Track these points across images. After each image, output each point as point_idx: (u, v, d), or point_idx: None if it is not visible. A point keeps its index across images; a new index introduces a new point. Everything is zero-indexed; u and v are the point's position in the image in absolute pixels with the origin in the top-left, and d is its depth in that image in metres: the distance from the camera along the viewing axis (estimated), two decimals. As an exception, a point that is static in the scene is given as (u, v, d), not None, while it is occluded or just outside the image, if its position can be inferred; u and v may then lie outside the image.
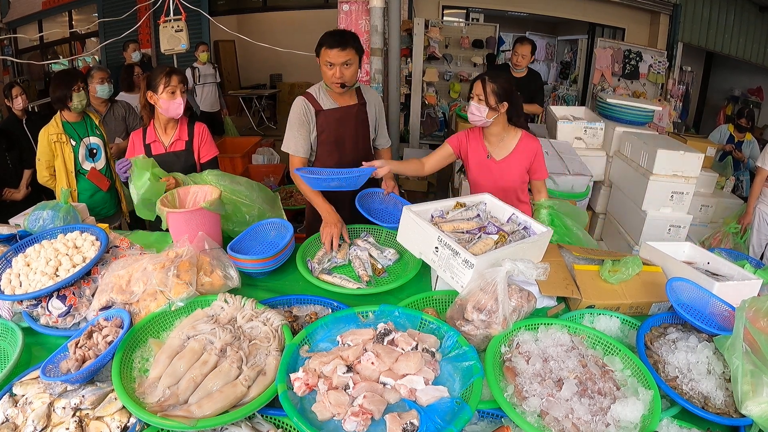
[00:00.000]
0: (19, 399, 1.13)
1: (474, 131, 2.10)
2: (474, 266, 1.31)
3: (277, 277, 1.73)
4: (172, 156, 2.21)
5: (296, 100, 2.08)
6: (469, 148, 2.10)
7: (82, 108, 2.56)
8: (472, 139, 2.09)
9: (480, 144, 2.08)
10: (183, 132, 2.24)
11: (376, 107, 2.22)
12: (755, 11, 6.48)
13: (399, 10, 3.49)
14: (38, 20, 8.28)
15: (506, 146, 2.05)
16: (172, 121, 2.21)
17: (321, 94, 2.09)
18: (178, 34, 4.13)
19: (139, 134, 2.23)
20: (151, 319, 1.31)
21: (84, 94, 2.52)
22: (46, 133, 2.51)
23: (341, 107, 2.10)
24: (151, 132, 2.21)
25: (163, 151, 2.21)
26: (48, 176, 2.59)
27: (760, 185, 3.40)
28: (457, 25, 6.83)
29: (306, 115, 2.05)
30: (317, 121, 2.07)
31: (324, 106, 2.07)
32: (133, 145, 2.22)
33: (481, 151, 2.08)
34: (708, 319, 1.37)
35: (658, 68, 6.39)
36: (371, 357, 1.09)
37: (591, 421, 1.03)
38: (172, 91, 2.09)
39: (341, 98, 2.09)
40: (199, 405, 1.03)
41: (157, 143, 2.21)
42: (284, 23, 8.49)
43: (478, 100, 1.93)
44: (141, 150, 2.19)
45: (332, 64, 1.92)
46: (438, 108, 6.24)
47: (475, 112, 1.95)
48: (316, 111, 2.06)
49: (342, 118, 2.10)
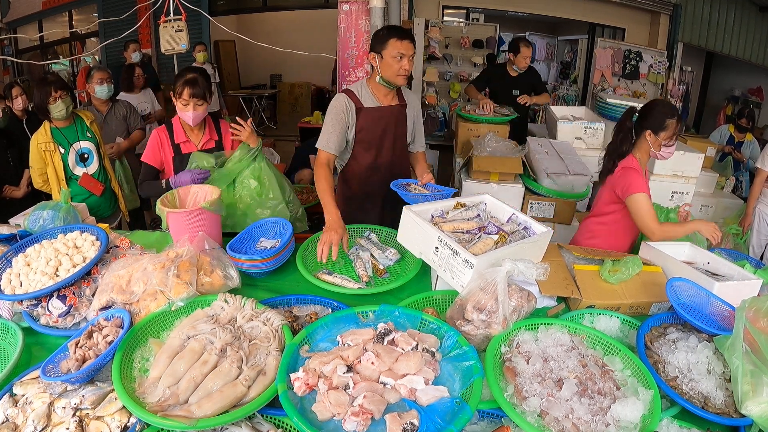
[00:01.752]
0: (19, 399, 1.13)
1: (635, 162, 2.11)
2: (474, 266, 1.31)
3: (277, 277, 1.72)
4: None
5: (337, 96, 2.07)
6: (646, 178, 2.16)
7: (64, 117, 2.48)
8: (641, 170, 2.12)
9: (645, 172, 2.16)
10: (213, 132, 2.21)
11: (415, 110, 2.22)
12: (755, 11, 6.48)
13: (399, 10, 3.48)
14: (38, 20, 8.27)
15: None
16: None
17: (363, 92, 2.08)
18: (178, 34, 4.13)
19: (164, 131, 2.16)
20: (151, 319, 1.31)
21: (63, 102, 2.43)
22: (36, 142, 2.47)
23: (383, 107, 2.09)
24: (179, 131, 2.16)
25: (195, 149, 2.16)
26: (42, 182, 2.58)
27: (760, 186, 3.40)
28: (457, 25, 6.83)
29: (345, 112, 2.04)
30: (357, 118, 2.06)
31: (366, 104, 2.06)
32: (159, 142, 2.15)
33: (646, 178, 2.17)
34: (708, 319, 1.37)
35: (658, 68, 6.39)
36: (371, 357, 1.09)
37: (591, 421, 1.03)
38: (184, 103, 2.05)
39: (385, 98, 2.09)
40: (199, 405, 1.03)
41: (189, 143, 2.17)
42: (284, 23, 8.48)
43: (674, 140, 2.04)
44: (170, 150, 2.14)
45: (403, 55, 1.92)
46: (438, 108, 6.24)
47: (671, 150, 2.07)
48: (358, 108, 2.05)
49: (382, 118, 2.10)
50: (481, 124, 3.54)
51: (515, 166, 3.01)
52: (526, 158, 3.13)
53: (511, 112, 3.68)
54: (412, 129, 2.23)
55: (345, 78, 3.67)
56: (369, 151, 2.13)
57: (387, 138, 2.14)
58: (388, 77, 2.00)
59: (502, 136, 3.44)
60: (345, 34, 3.56)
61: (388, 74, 1.99)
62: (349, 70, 3.66)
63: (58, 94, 2.41)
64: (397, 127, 2.15)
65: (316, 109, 6.67)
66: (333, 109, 2.05)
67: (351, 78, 3.65)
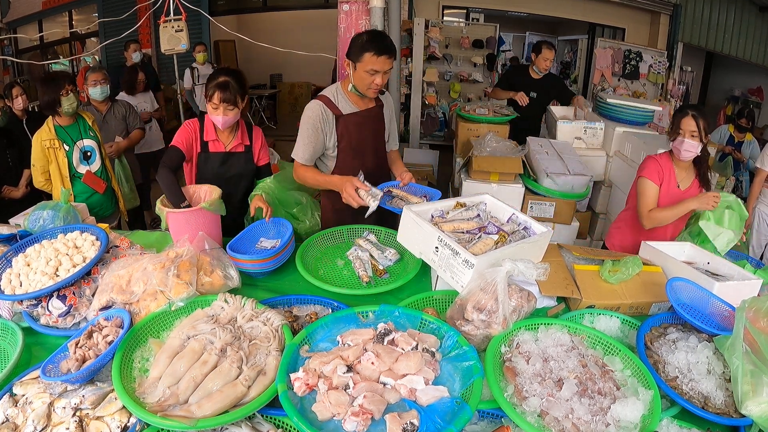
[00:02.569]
0: (19, 399, 1.13)
1: (664, 159, 2.16)
2: (474, 266, 1.31)
3: (277, 277, 1.72)
4: (232, 157, 2.13)
5: (311, 105, 1.95)
6: (664, 177, 2.16)
7: (74, 111, 2.50)
8: (665, 167, 2.16)
9: (672, 173, 2.16)
10: (245, 136, 2.15)
11: (390, 109, 2.16)
12: (755, 11, 6.48)
13: (399, 10, 3.48)
14: (38, 20, 8.27)
15: (689, 177, 2.18)
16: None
17: (339, 97, 1.97)
18: (179, 34, 4.13)
19: (195, 124, 2.09)
20: (151, 319, 1.31)
21: (74, 96, 2.46)
22: (39, 139, 2.48)
23: (362, 111, 2.00)
24: (210, 129, 2.08)
25: (223, 150, 2.11)
26: (43, 181, 2.58)
27: (760, 186, 3.40)
28: (457, 25, 6.83)
29: (322, 122, 1.93)
30: (337, 126, 1.96)
31: (344, 111, 1.96)
32: (193, 131, 2.07)
33: (673, 179, 2.16)
34: (708, 319, 1.37)
35: (658, 68, 6.40)
36: (371, 357, 1.09)
37: (591, 421, 1.03)
38: (213, 107, 1.97)
39: (361, 101, 2.00)
40: (199, 405, 1.03)
41: (217, 142, 2.10)
42: (284, 23, 8.48)
43: (691, 137, 2.02)
44: (197, 145, 2.08)
45: (377, 71, 1.82)
46: (438, 108, 6.26)
47: (691, 149, 2.05)
48: (336, 116, 1.95)
49: (363, 123, 2.01)
50: (481, 124, 3.55)
51: (515, 166, 3.01)
52: (526, 158, 3.13)
53: (510, 112, 3.69)
54: (388, 128, 2.16)
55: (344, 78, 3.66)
56: (356, 158, 2.03)
57: (369, 143, 2.06)
58: (359, 88, 1.91)
59: (502, 136, 3.44)
60: (345, 34, 3.56)
61: (360, 86, 1.90)
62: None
63: (70, 87, 2.45)
64: (378, 129, 2.09)
65: (316, 109, 6.65)
66: (308, 119, 1.94)
67: (351, 78, 3.64)
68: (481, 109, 3.69)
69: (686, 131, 2.05)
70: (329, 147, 2.01)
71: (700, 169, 2.18)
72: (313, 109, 1.94)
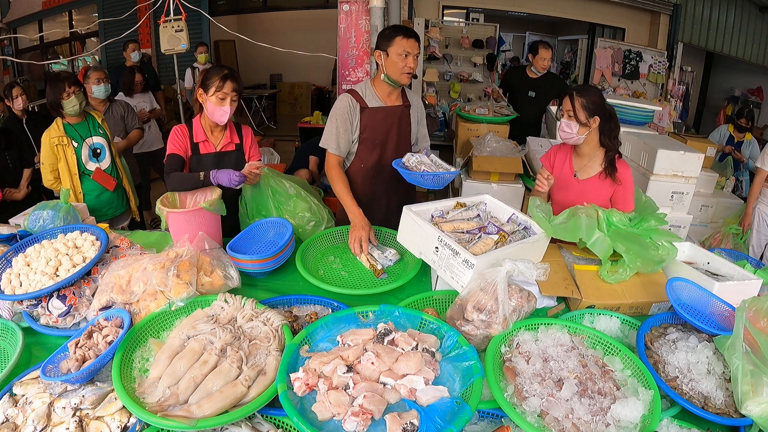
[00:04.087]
0: (19, 399, 1.13)
1: (564, 147, 2.05)
2: (474, 266, 1.31)
3: (277, 277, 1.73)
4: (224, 156, 2.12)
5: (341, 97, 2.06)
6: (555, 163, 2.06)
7: (77, 112, 2.49)
8: (560, 154, 2.06)
9: (568, 160, 2.03)
10: (234, 135, 2.15)
11: (418, 111, 2.22)
12: (755, 11, 6.49)
13: (399, 10, 3.49)
14: (38, 20, 8.28)
15: (593, 167, 1.97)
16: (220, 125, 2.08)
17: (367, 92, 2.07)
18: (179, 34, 4.13)
19: (184, 129, 2.08)
20: (151, 319, 1.31)
21: (76, 98, 2.44)
22: (48, 137, 2.47)
23: (387, 107, 2.08)
24: (199, 130, 2.07)
25: (214, 150, 2.10)
26: (53, 179, 2.56)
27: (760, 185, 3.40)
28: (457, 25, 6.83)
29: (350, 113, 2.03)
30: (361, 118, 2.05)
31: (370, 104, 2.05)
32: (180, 138, 2.06)
33: (568, 167, 2.02)
34: (708, 319, 1.37)
35: (658, 68, 6.40)
36: (371, 357, 1.09)
37: (591, 421, 1.03)
38: (221, 97, 1.95)
39: (388, 98, 2.09)
40: (199, 405, 1.03)
41: (207, 143, 2.08)
42: (284, 23, 8.49)
43: (568, 117, 1.87)
44: (188, 148, 2.07)
45: (409, 53, 1.94)
46: (438, 108, 6.25)
47: (566, 129, 1.89)
48: (362, 108, 2.04)
49: (386, 118, 2.09)
50: (481, 124, 3.55)
51: (515, 166, 3.01)
52: (526, 158, 3.14)
53: (510, 112, 3.69)
54: (416, 130, 2.22)
55: (345, 78, 3.67)
56: (373, 151, 2.11)
57: (391, 138, 2.13)
58: (392, 75, 1.99)
59: (502, 136, 3.44)
60: (345, 34, 3.57)
61: (393, 72, 1.98)
62: (349, 69, 3.66)
63: (71, 89, 2.43)
64: (401, 127, 2.15)
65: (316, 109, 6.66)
66: (338, 110, 2.04)
67: (351, 78, 3.65)
68: (481, 109, 3.69)
69: (564, 111, 1.89)
70: (353, 139, 2.09)
71: (606, 158, 1.94)
72: (342, 100, 2.05)
